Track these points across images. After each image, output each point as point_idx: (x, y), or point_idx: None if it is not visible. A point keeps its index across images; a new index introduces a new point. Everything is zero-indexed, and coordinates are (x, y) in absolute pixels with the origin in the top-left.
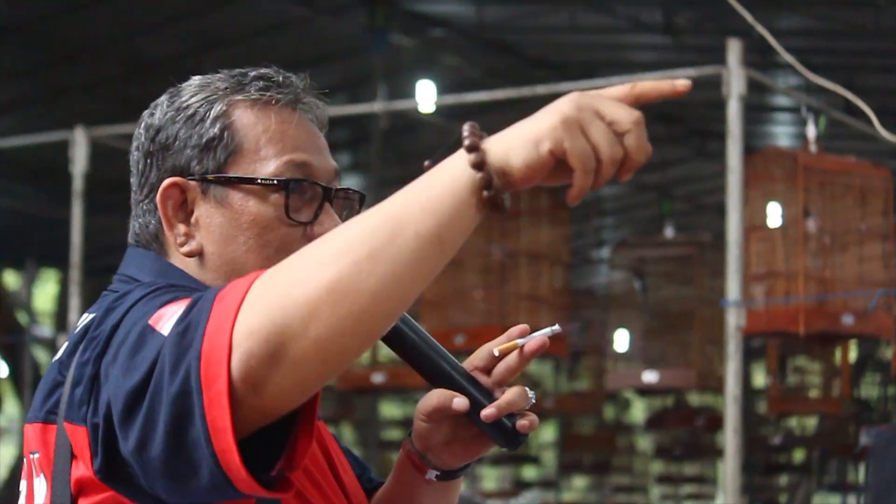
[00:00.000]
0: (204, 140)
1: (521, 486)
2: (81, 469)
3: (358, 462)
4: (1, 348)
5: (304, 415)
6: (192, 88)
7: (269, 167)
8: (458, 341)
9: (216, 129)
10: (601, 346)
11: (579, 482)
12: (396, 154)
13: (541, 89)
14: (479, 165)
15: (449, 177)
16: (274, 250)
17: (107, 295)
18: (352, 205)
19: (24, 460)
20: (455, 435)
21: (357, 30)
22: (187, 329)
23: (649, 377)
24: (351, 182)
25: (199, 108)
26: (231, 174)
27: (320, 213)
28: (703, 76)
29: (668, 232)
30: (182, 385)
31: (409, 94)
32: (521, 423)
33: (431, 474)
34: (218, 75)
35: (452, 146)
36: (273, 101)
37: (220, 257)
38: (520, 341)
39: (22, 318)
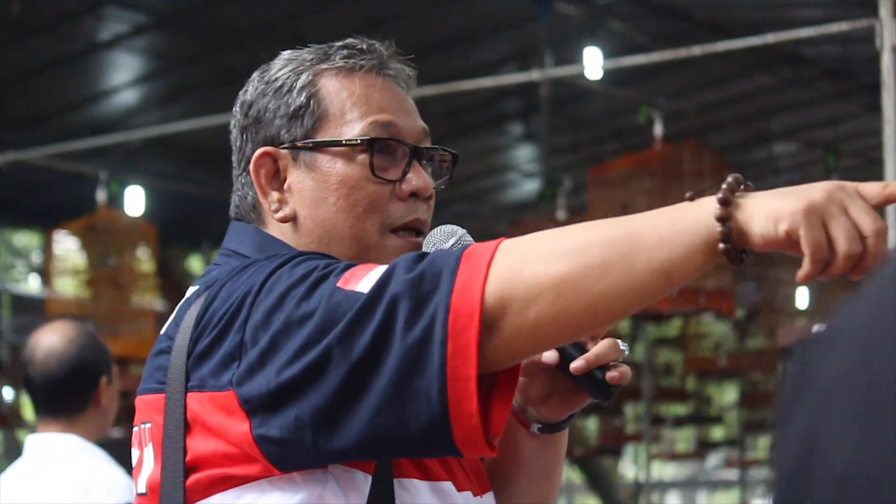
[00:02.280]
0: (292, 109)
1: (707, 446)
2: (199, 443)
3: None
4: None
5: (503, 384)
6: (281, 62)
7: (354, 129)
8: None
9: (303, 98)
10: (775, 303)
11: (764, 440)
12: (567, 123)
13: (696, 50)
14: (723, 220)
15: (693, 219)
16: (363, 209)
17: (212, 268)
18: (441, 164)
19: (136, 429)
20: (552, 388)
21: (522, 0)
22: (421, 280)
23: None
24: (524, 152)
25: (286, 79)
26: (318, 139)
27: (408, 171)
28: (857, 29)
29: None
30: (423, 334)
31: (577, 61)
32: (612, 374)
33: (534, 427)
34: (306, 48)
35: (717, 184)
36: (357, 68)
37: (312, 220)
38: None
39: None
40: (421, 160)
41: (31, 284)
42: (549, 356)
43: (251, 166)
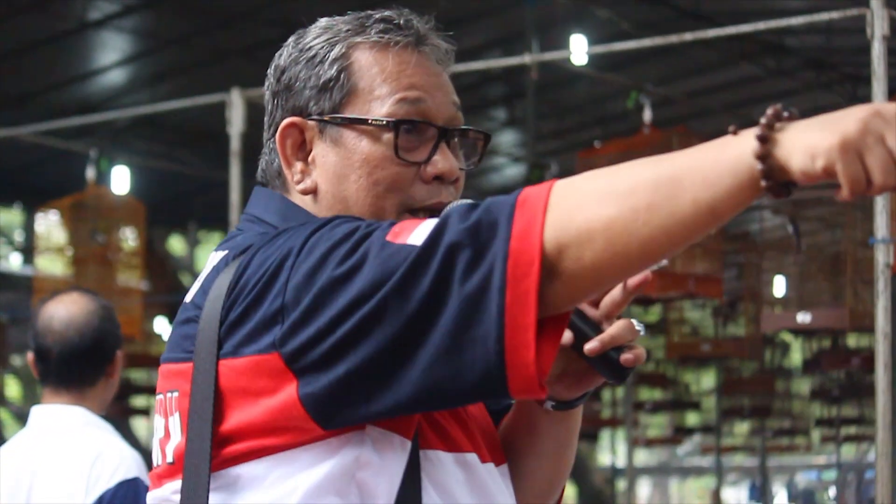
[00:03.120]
0: (322, 81)
1: (683, 432)
2: (232, 413)
3: None
4: (167, 310)
5: (552, 323)
6: (317, 30)
7: (383, 107)
8: None
9: (334, 71)
10: (757, 290)
11: (740, 427)
12: (551, 108)
13: (688, 36)
14: (763, 158)
15: (735, 158)
16: (384, 188)
17: (235, 234)
18: (474, 144)
19: (160, 398)
20: (566, 368)
21: None
22: (479, 229)
23: (803, 318)
24: (508, 137)
25: (319, 49)
26: (346, 114)
27: (435, 153)
28: (848, 18)
29: None
30: (482, 282)
31: (562, 48)
32: (626, 356)
33: (548, 404)
34: (343, 17)
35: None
36: (392, 44)
37: (333, 195)
38: None
39: (186, 280)
40: (450, 141)
41: (13, 262)
42: (564, 336)
43: (277, 136)
